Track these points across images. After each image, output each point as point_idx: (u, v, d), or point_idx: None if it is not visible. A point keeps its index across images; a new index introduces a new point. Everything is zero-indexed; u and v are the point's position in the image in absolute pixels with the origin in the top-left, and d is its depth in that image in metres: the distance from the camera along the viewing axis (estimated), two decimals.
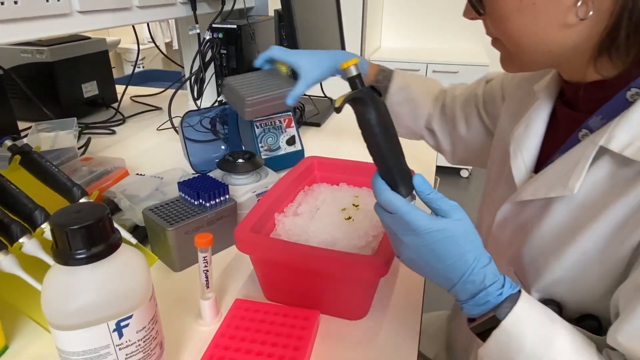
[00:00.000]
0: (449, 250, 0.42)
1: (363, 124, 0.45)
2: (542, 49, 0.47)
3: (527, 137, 0.55)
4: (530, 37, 0.46)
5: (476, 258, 0.43)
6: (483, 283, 0.42)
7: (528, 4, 0.44)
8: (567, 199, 0.47)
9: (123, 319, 0.40)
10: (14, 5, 0.65)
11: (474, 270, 0.42)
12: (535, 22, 0.45)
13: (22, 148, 0.65)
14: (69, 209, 0.39)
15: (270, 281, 0.58)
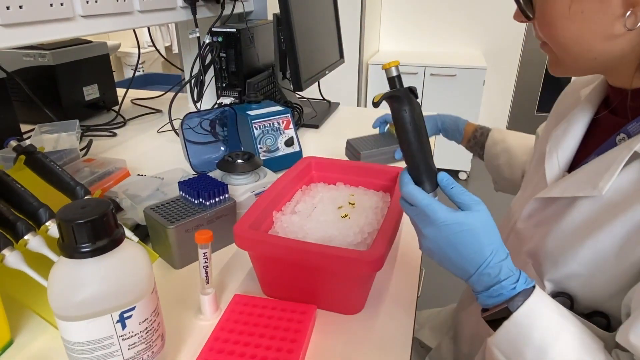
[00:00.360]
0: (467, 243, 0.44)
1: (397, 120, 0.47)
2: (588, 56, 0.48)
3: (564, 138, 0.57)
4: (577, 44, 0.47)
5: (493, 251, 0.44)
6: (498, 277, 0.44)
7: (576, 11, 0.45)
8: (594, 198, 0.48)
9: (126, 311, 0.42)
10: (19, 10, 0.67)
11: (490, 264, 0.44)
12: (582, 30, 0.46)
13: (26, 148, 0.66)
14: (74, 205, 0.40)
15: (268, 277, 0.60)
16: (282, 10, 1.08)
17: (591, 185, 0.48)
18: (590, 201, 0.48)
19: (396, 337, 0.55)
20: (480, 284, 0.45)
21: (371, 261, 0.51)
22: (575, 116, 0.57)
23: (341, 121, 1.40)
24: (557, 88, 3.19)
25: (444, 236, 0.45)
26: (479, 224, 0.44)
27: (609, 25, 0.44)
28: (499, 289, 0.44)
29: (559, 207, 0.53)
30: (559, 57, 0.51)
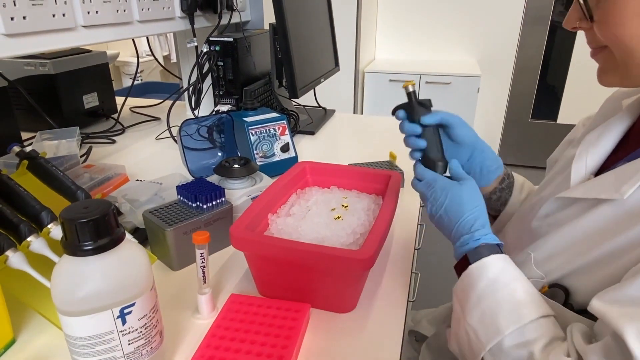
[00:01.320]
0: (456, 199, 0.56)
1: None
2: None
3: (597, 143, 0.56)
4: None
5: (475, 209, 0.55)
6: (471, 228, 0.54)
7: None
8: (615, 203, 0.48)
9: (126, 307, 0.43)
10: (22, 21, 0.69)
11: (469, 217, 0.54)
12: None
13: (29, 154, 0.68)
14: (77, 205, 0.42)
15: (264, 277, 0.62)
16: (277, 20, 1.11)
17: (614, 189, 0.48)
18: (611, 205, 0.48)
19: (387, 335, 0.57)
20: (457, 234, 0.54)
21: (362, 259, 0.53)
22: (612, 123, 0.57)
23: (337, 128, 1.43)
24: (551, 96, 3.23)
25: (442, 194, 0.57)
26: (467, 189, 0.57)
27: None
28: (469, 238, 0.53)
29: (579, 209, 0.52)
30: (620, 62, 0.49)
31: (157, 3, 1.02)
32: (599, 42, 0.50)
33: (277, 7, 1.09)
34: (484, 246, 0.52)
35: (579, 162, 0.56)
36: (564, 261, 0.52)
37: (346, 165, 0.89)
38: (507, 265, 0.51)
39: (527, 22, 2.96)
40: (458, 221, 0.55)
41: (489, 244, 0.52)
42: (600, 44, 0.51)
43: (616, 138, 0.56)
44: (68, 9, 0.77)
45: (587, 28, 0.51)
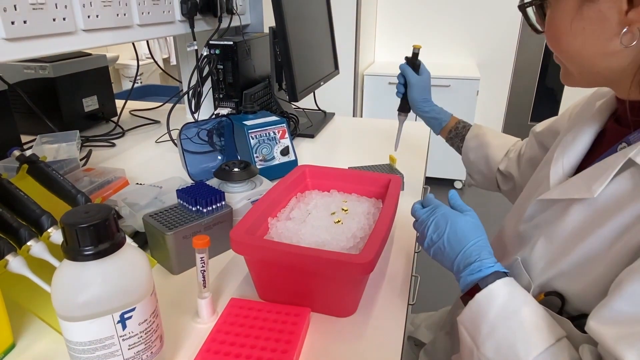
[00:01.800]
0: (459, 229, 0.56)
1: None
2: (591, 70, 0.51)
3: (572, 145, 0.59)
4: (580, 58, 0.51)
5: (479, 239, 0.55)
6: (479, 256, 0.53)
7: (577, 27, 0.49)
8: (588, 202, 0.50)
9: (126, 311, 0.43)
10: (23, 25, 0.70)
11: (475, 245, 0.54)
12: (584, 45, 0.49)
13: (29, 157, 0.68)
14: (78, 210, 0.42)
15: (264, 281, 0.62)
16: (277, 23, 1.11)
17: (586, 188, 0.50)
18: (584, 204, 0.51)
19: (388, 339, 0.57)
20: (464, 262, 0.54)
21: (362, 264, 0.53)
22: (585, 125, 0.60)
23: (336, 131, 1.43)
24: (550, 98, 3.24)
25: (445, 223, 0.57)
26: (470, 219, 0.58)
27: (607, 41, 0.47)
28: (479, 265, 0.52)
29: (557, 210, 0.55)
30: (568, 69, 0.55)
31: (157, 7, 1.02)
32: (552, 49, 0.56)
33: (277, 11, 1.09)
34: (494, 274, 0.51)
35: (557, 164, 0.59)
36: (547, 264, 0.53)
37: (346, 169, 0.89)
38: (513, 289, 0.50)
39: (525, 25, 2.96)
40: (462, 249, 0.54)
41: (499, 272, 0.52)
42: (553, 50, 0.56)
43: (589, 139, 0.59)
44: (68, 13, 0.77)
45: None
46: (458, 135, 0.98)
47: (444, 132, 1.00)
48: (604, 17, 0.46)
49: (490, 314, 0.48)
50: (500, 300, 0.48)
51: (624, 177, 0.47)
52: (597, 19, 0.47)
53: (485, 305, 0.48)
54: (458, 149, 0.99)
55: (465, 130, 0.97)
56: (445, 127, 0.99)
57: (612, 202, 0.47)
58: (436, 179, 3.03)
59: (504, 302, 0.48)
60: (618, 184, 0.48)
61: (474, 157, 0.95)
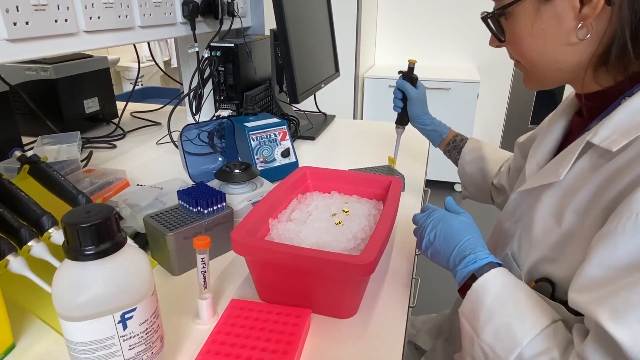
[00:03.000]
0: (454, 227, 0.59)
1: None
2: (553, 67, 0.56)
3: (543, 141, 0.65)
4: (543, 57, 0.56)
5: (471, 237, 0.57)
6: (474, 249, 0.56)
7: (538, 29, 0.54)
8: (556, 186, 0.55)
9: (127, 312, 0.43)
10: (25, 26, 0.70)
11: (469, 240, 0.57)
12: (546, 45, 0.54)
13: (30, 158, 0.68)
14: (79, 210, 0.42)
15: (264, 282, 0.62)
16: (278, 25, 1.11)
17: (553, 174, 0.54)
18: (554, 189, 0.55)
19: (388, 341, 0.57)
20: (459, 256, 0.56)
21: (363, 265, 0.53)
22: (553, 123, 0.65)
23: (337, 133, 1.43)
24: (550, 101, 3.24)
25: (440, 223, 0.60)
26: (465, 219, 0.61)
27: (565, 37, 0.52)
28: (474, 257, 0.55)
29: (533, 199, 0.59)
30: (530, 72, 0.60)
31: (158, 9, 1.02)
32: (513, 56, 0.61)
33: (278, 13, 1.09)
34: (489, 264, 0.54)
35: (531, 160, 0.65)
36: (530, 251, 0.56)
37: (347, 171, 0.89)
38: (507, 276, 0.52)
39: None
40: (457, 244, 0.57)
41: (493, 262, 0.54)
42: (515, 58, 0.61)
43: (558, 134, 0.64)
44: (70, 15, 0.78)
45: (504, 46, 0.61)
46: (456, 147, 1.00)
47: (442, 144, 1.02)
48: (560, 16, 0.51)
49: (487, 300, 0.50)
50: (495, 287, 0.51)
51: (584, 158, 0.52)
52: (555, 18, 0.52)
53: (482, 293, 0.51)
54: (455, 161, 1.01)
55: (463, 143, 0.99)
56: (444, 139, 1.01)
57: (576, 181, 0.52)
58: (436, 181, 3.03)
59: (500, 289, 0.51)
60: (580, 165, 0.52)
61: (469, 170, 0.97)
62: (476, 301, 0.51)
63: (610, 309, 0.39)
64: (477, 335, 0.50)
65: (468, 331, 0.52)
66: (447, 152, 1.02)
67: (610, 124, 0.49)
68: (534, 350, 0.45)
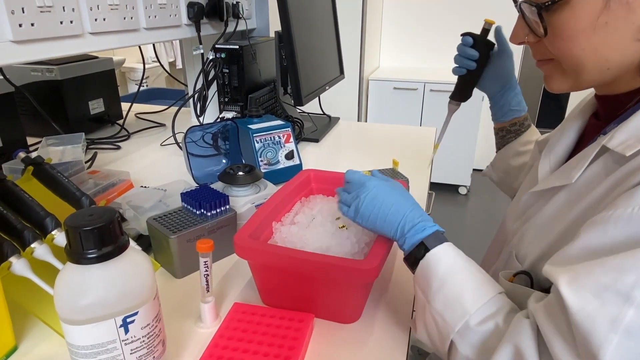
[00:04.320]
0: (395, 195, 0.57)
1: None
2: (602, 67, 0.50)
3: (558, 143, 0.63)
4: (594, 56, 0.49)
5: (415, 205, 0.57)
6: (421, 217, 0.55)
7: (601, 22, 0.47)
8: (568, 188, 0.54)
9: (129, 315, 0.43)
10: (30, 27, 0.70)
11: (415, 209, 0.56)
12: (605, 41, 0.48)
13: (34, 160, 0.68)
14: (82, 213, 0.42)
15: (267, 286, 0.61)
16: (283, 27, 1.11)
17: (566, 176, 0.54)
18: (565, 191, 0.54)
19: (392, 346, 0.56)
20: (407, 225, 0.55)
21: (367, 270, 0.52)
22: (569, 124, 0.63)
23: (341, 136, 1.42)
24: (555, 104, 3.23)
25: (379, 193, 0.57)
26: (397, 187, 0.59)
27: (631, 33, 0.47)
28: (423, 224, 0.54)
29: (544, 200, 0.58)
30: (567, 72, 0.53)
31: (163, 11, 1.02)
32: (546, 54, 0.55)
33: (283, 15, 1.09)
34: (435, 233, 0.54)
35: (544, 161, 0.63)
36: (532, 250, 0.56)
37: None
38: (458, 251, 0.53)
39: None
40: (404, 214, 0.55)
41: (439, 232, 0.54)
42: (547, 56, 0.55)
43: (573, 135, 0.62)
44: (76, 16, 0.78)
45: (534, 42, 0.55)
46: (516, 132, 0.87)
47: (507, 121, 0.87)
48: (632, 8, 0.46)
49: (439, 270, 0.51)
50: (448, 259, 0.51)
51: (598, 162, 0.51)
52: (626, 10, 0.46)
53: (435, 263, 0.51)
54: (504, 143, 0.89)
55: (523, 128, 0.87)
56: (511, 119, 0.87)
57: (587, 184, 0.51)
58: (440, 184, 3.02)
59: (452, 261, 0.51)
60: (593, 169, 0.51)
61: (514, 163, 0.88)
62: (429, 270, 0.51)
63: (571, 275, 0.40)
64: (429, 303, 0.51)
65: (420, 298, 0.53)
66: (507, 131, 0.88)
67: (627, 128, 0.48)
68: (480, 317, 0.47)
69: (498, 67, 0.82)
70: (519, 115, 0.86)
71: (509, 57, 0.82)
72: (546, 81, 0.58)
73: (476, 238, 2.51)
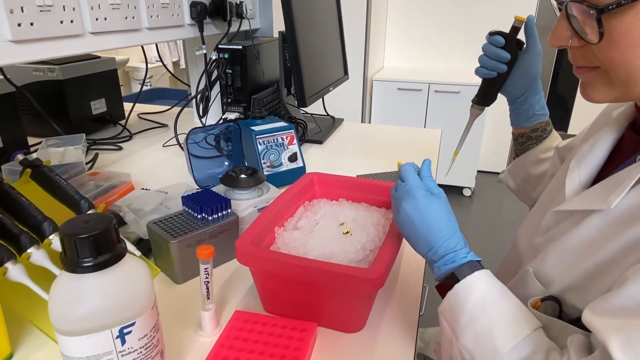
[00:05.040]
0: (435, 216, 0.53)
1: None
2: None
3: (589, 155, 0.57)
4: None
5: (453, 229, 0.53)
6: (455, 247, 0.51)
7: None
8: (604, 213, 0.48)
9: (126, 326, 0.42)
10: (30, 27, 0.69)
11: (452, 237, 0.52)
12: None
13: (32, 162, 0.67)
14: (77, 219, 0.41)
15: (269, 293, 0.60)
16: (287, 27, 1.10)
17: (602, 200, 0.48)
18: (600, 216, 0.49)
19: (398, 356, 0.54)
20: (438, 254, 0.52)
21: (372, 279, 0.50)
22: (603, 134, 0.57)
23: (345, 137, 1.41)
24: (561, 106, 3.19)
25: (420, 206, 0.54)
26: (444, 205, 0.55)
27: None
28: (454, 256, 0.51)
29: (573, 221, 0.53)
30: (614, 82, 0.48)
31: (166, 10, 1.01)
32: (591, 61, 0.49)
33: (287, 15, 1.08)
34: (469, 264, 0.51)
35: (573, 175, 0.57)
36: (560, 275, 0.52)
37: (355, 177, 0.87)
38: (491, 280, 0.50)
39: (538, 33, 2.93)
40: (440, 240, 0.52)
41: (473, 261, 0.51)
42: (593, 63, 0.49)
43: (607, 149, 0.57)
44: (76, 16, 0.76)
45: (578, 47, 0.49)
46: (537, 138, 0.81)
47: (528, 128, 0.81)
48: None
49: (468, 304, 0.48)
50: (478, 291, 0.48)
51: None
52: None
53: (464, 295, 0.48)
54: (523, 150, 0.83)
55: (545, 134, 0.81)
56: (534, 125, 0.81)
57: (629, 213, 0.46)
58: (444, 186, 3.00)
59: (482, 293, 0.48)
60: (635, 195, 0.46)
61: (535, 171, 0.81)
62: (457, 303, 0.48)
63: (623, 339, 0.37)
64: (457, 338, 0.48)
65: (447, 332, 0.50)
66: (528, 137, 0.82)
67: None
68: (513, 358, 0.44)
69: (527, 67, 0.75)
70: (543, 120, 0.80)
71: (539, 57, 0.75)
72: (584, 90, 0.52)
73: (480, 240, 2.49)
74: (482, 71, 0.77)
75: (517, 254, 0.67)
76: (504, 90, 0.79)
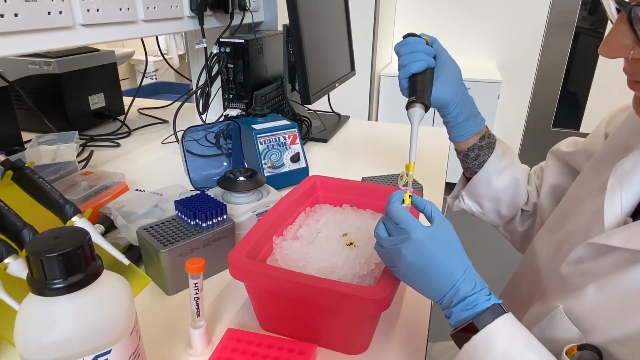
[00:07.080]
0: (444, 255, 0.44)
1: None
2: None
3: (634, 176, 0.47)
4: None
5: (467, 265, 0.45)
6: (474, 289, 0.44)
7: None
8: None
9: (101, 354, 0.37)
10: (14, 18, 0.64)
11: (468, 276, 0.44)
12: None
13: (14, 163, 0.63)
14: (47, 235, 0.36)
15: (266, 310, 0.55)
16: (291, 21, 1.04)
17: None
18: None
19: None
20: (457, 297, 0.44)
21: (377, 300, 0.46)
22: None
23: (351, 135, 1.36)
24: (573, 104, 3.11)
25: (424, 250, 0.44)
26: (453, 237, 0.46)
27: None
28: (475, 299, 0.44)
29: (619, 260, 0.45)
30: None
31: (164, 1, 0.96)
32: None
33: (292, 8, 1.03)
34: (490, 309, 0.43)
35: (613, 200, 0.48)
36: (604, 323, 0.44)
37: (360, 181, 0.82)
38: (514, 330, 0.43)
39: (550, 27, 2.86)
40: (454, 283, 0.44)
41: (495, 305, 0.44)
42: None
43: None
44: (65, 7, 0.72)
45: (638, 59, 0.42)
46: (490, 145, 0.73)
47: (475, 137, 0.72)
48: None
49: (489, 358, 0.42)
50: (500, 345, 0.42)
51: None
52: None
53: (484, 349, 0.42)
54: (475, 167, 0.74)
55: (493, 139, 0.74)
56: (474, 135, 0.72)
57: None
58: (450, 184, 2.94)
59: (505, 347, 0.41)
60: None
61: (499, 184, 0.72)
62: (475, 358, 0.42)
63: None
64: None
65: None
66: (478, 148, 0.73)
67: None
68: None
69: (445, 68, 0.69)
70: (483, 123, 0.73)
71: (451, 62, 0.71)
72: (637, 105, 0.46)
73: (484, 240, 2.43)
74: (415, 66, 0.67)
75: (537, 274, 0.60)
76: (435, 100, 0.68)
